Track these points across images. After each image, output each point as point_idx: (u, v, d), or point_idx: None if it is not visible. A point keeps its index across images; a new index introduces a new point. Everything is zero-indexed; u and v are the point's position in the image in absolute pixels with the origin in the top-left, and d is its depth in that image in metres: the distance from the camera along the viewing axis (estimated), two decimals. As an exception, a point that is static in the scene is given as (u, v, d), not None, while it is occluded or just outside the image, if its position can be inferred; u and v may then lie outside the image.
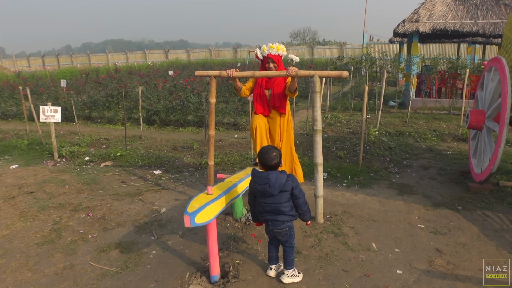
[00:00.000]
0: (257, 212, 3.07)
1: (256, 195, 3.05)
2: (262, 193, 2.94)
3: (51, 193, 5.33)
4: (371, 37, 26.76)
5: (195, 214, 2.79)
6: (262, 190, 2.92)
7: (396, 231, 3.98)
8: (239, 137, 8.54)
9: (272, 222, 3.00)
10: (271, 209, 2.96)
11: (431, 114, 10.66)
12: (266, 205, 2.98)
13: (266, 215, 3.00)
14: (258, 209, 3.05)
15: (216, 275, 3.12)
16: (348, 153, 6.87)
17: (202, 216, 2.84)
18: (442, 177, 5.61)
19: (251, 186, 3.06)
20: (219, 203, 3.09)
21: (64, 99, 11.64)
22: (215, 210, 3.01)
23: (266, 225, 3.06)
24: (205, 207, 2.90)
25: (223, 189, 3.38)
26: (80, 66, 33.11)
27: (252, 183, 3.02)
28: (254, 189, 3.01)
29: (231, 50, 37.68)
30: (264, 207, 2.99)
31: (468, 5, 11.10)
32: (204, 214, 2.86)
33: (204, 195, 3.20)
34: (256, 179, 2.96)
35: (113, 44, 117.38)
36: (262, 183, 2.91)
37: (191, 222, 2.77)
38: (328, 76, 3.92)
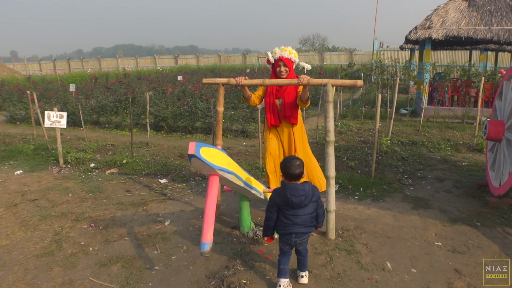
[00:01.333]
0: (282, 226, 3.00)
1: (283, 208, 2.99)
2: (298, 205, 2.93)
3: (54, 201, 5.19)
4: (381, 44, 26.51)
5: (200, 145, 2.67)
6: (299, 202, 2.91)
7: (412, 249, 3.76)
8: (247, 145, 8.37)
9: (296, 234, 2.98)
10: (301, 221, 2.97)
11: (444, 123, 10.40)
12: (295, 217, 2.95)
13: (294, 227, 2.97)
14: (284, 222, 2.98)
15: (208, 242, 2.80)
16: (359, 163, 6.66)
17: (207, 152, 2.70)
18: (458, 190, 5.38)
19: (275, 200, 2.99)
20: (225, 159, 3.00)
21: (72, 103, 11.58)
22: (221, 161, 2.88)
23: (287, 238, 3.01)
24: (212, 147, 2.79)
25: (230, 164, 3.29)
26: (91, 70, 33.27)
27: (281, 196, 2.96)
28: (283, 202, 2.96)
29: (241, 56, 37.62)
30: (293, 219, 2.96)
31: (482, 11, 10.86)
32: (210, 153, 2.73)
33: None
34: (292, 192, 2.91)
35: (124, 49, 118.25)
36: (299, 194, 2.91)
37: (195, 150, 2.60)
38: (342, 85, 3.74)
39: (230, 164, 3.19)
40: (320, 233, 4.01)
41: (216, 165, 2.87)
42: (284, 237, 3.02)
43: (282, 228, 3.01)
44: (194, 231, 4.17)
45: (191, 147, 2.64)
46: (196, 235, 4.08)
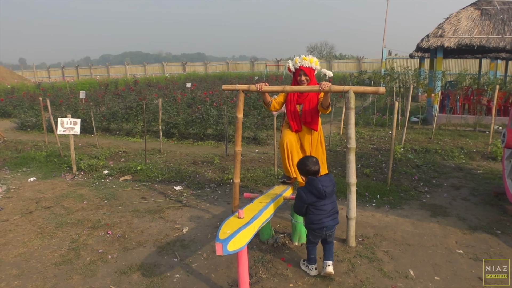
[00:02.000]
0: (314, 221, 3.26)
1: (313, 203, 3.26)
2: (330, 194, 3.27)
3: (69, 209, 5.20)
4: (389, 52, 26.51)
5: (227, 241, 2.59)
6: (331, 192, 3.27)
7: (434, 256, 3.72)
8: (260, 152, 8.36)
9: (327, 227, 3.27)
10: (331, 209, 3.30)
11: (456, 131, 10.33)
12: (326, 206, 3.27)
13: (326, 220, 3.26)
14: (316, 217, 3.26)
15: None
16: (374, 170, 6.62)
17: (234, 243, 2.64)
18: (475, 198, 5.33)
19: (306, 199, 3.26)
20: (251, 228, 2.89)
21: (83, 110, 11.64)
22: (247, 236, 2.81)
23: (319, 231, 3.28)
24: (237, 233, 2.70)
25: (254, 211, 3.18)
26: (99, 77, 33.50)
27: (311, 192, 3.24)
28: (314, 197, 3.24)
29: (249, 64, 37.73)
30: (324, 209, 3.26)
31: (494, 20, 10.83)
32: (237, 240, 2.67)
33: (235, 218, 3.00)
34: (324, 183, 3.23)
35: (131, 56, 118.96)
36: (330, 184, 3.28)
37: (223, 250, 2.58)
38: (364, 92, 3.73)
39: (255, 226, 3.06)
40: (341, 240, 3.98)
41: (244, 245, 2.82)
42: (316, 231, 3.29)
43: (315, 223, 3.27)
44: (213, 239, 4.15)
45: (218, 250, 2.62)
46: (215, 242, 4.05)
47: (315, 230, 3.28)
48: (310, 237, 3.37)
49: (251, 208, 3.31)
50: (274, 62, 35.24)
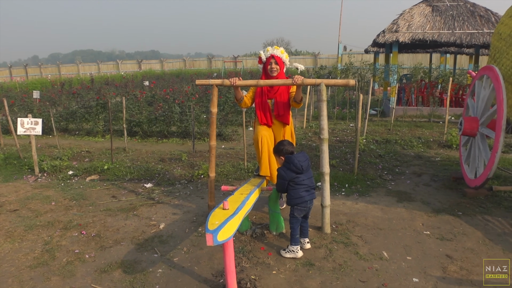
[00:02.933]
0: (298, 196, 3.53)
1: (294, 179, 3.53)
2: (307, 168, 3.56)
3: (37, 211, 5.04)
4: (345, 47, 27.21)
5: (217, 231, 2.64)
6: (307, 165, 3.57)
7: (404, 238, 3.94)
8: (226, 147, 8.41)
9: (310, 200, 3.59)
10: (310, 183, 3.58)
11: (412, 122, 10.84)
12: (304, 181, 3.54)
13: (306, 195, 3.55)
14: (297, 192, 3.52)
15: None
16: (340, 161, 6.85)
17: (223, 233, 2.70)
18: (436, 183, 5.66)
19: (286, 176, 3.53)
20: (237, 219, 2.95)
21: (39, 110, 11.21)
22: (234, 226, 2.87)
23: (303, 205, 3.55)
24: (225, 223, 2.76)
25: (238, 202, 3.25)
26: (51, 77, 32.18)
27: (290, 169, 3.52)
28: (294, 173, 3.52)
29: (206, 61, 37.47)
30: (304, 183, 3.53)
31: (445, 16, 11.42)
32: (225, 231, 2.72)
33: (220, 210, 3.06)
34: (299, 158, 3.52)
35: (82, 55, 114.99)
36: (305, 159, 3.57)
37: (213, 241, 2.62)
38: (335, 85, 3.88)
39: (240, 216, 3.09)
40: (316, 228, 4.13)
41: (233, 234, 2.85)
42: (300, 205, 3.54)
43: (297, 197, 3.52)
44: (191, 233, 4.18)
45: (208, 240, 2.63)
46: (194, 236, 4.09)
47: (299, 205, 3.54)
48: (295, 213, 3.56)
49: (234, 199, 3.38)
50: (232, 59, 35.21)
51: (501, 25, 5.50)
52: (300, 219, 3.61)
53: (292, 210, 3.59)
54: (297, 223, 3.60)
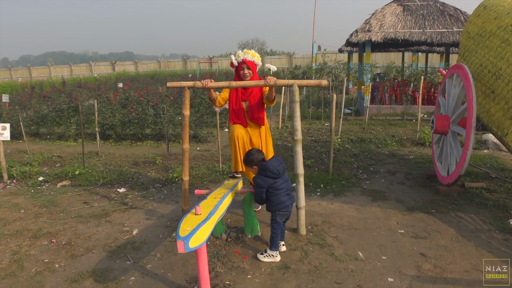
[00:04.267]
0: (279, 202, 3.48)
1: (273, 184, 3.47)
2: (283, 171, 3.52)
3: (5, 219, 4.85)
4: (319, 47, 27.39)
5: (188, 238, 2.58)
6: (283, 168, 3.53)
7: (379, 238, 3.96)
8: (201, 149, 8.32)
9: (291, 205, 3.58)
10: (287, 186, 3.55)
11: (386, 120, 10.98)
12: (282, 185, 3.50)
13: (287, 199, 3.51)
14: (277, 198, 3.47)
15: None
16: (315, 161, 6.87)
17: (195, 239, 2.63)
18: (410, 181, 5.73)
19: (263, 184, 3.46)
20: (209, 224, 2.89)
21: (8, 115, 10.86)
22: (207, 232, 2.81)
23: (285, 210, 3.53)
24: (197, 229, 2.69)
25: (210, 207, 3.19)
26: (21, 80, 31.30)
27: (267, 176, 3.46)
28: (271, 180, 3.46)
29: (181, 62, 37.11)
30: (282, 187, 3.49)
31: (415, 15, 11.62)
32: (197, 237, 2.66)
33: (192, 215, 2.99)
34: (274, 163, 3.48)
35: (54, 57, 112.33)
36: (279, 163, 3.52)
37: (185, 248, 2.56)
38: (307, 85, 3.87)
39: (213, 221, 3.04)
40: (292, 229, 4.10)
41: (205, 240, 2.80)
42: (281, 210, 3.50)
43: (278, 203, 3.48)
44: (165, 238, 4.10)
45: (180, 247, 2.56)
46: (168, 242, 4.01)
47: (281, 210, 3.50)
48: (277, 218, 3.52)
49: (207, 204, 3.32)
50: (207, 60, 34.99)
51: (469, 24, 5.61)
52: (281, 224, 3.58)
53: (274, 216, 3.54)
54: (279, 228, 3.56)
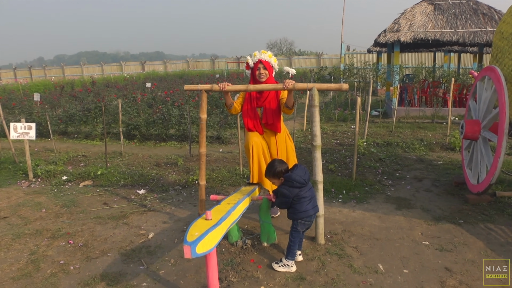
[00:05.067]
0: (303, 210, 3.35)
1: (298, 192, 3.34)
2: (308, 179, 3.41)
3: (27, 218, 4.92)
4: (348, 47, 26.97)
5: (196, 243, 2.50)
6: (308, 177, 3.41)
7: (401, 249, 3.77)
8: (224, 151, 8.26)
9: (314, 214, 3.45)
10: (311, 194, 3.43)
11: (415, 123, 10.63)
12: (306, 193, 3.37)
13: (311, 208, 3.39)
14: (301, 206, 3.34)
15: None
16: (339, 166, 6.68)
17: (203, 245, 2.55)
18: (437, 189, 5.47)
19: (289, 195, 3.34)
20: (220, 230, 2.80)
21: (38, 113, 11.13)
22: (216, 238, 2.73)
23: (308, 219, 3.40)
24: (206, 235, 2.61)
25: (222, 213, 3.10)
26: (54, 79, 32.21)
27: (292, 187, 3.34)
28: (297, 190, 3.34)
29: (209, 62, 37.34)
30: (306, 195, 3.36)
31: (447, 14, 11.21)
32: (205, 242, 2.58)
33: (202, 220, 2.91)
34: (300, 173, 3.36)
35: (87, 56, 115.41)
36: (304, 172, 3.40)
37: (192, 253, 2.48)
38: (327, 89, 3.72)
39: (224, 226, 2.98)
40: (310, 238, 3.97)
41: (214, 247, 2.74)
42: (304, 219, 3.38)
43: (302, 211, 3.35)
44: (180, 243, 4.03)
45: (186, 252, 2.51)
46: (182, 247, 3.94)
47: (304, 219, 3.38)
48: (298, 227, 3.40)
49: (219, 209, 3.23)
50: (235, 60, 35.05)
51: (503, 23, 5.31)
52: (301, 234, 3.46)
53: (295, 224, 3.41)
54: (298, 237, 3.43)
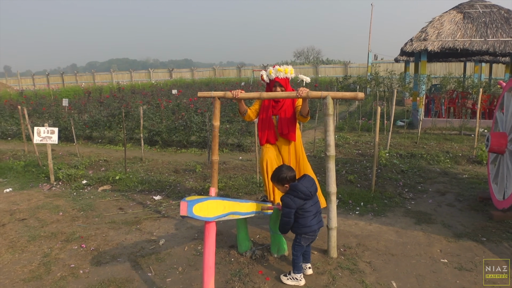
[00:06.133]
0: (307, 226, 3.26)
1: (302, 205, 3.24)
2: (314, 192, 3.31)
3: (44, 221, 5.00)
4: (375, 56, 26.62)
5: (193, 203, 2.48)
6: (315, 189, 3.33)
7: (417, 267, 3.61)
8: (243, 159, 8.22)
9: (318, 229, 3.36)
10: (317, 210, 3.35)
11: (441, 135, 10.31)
12: (311, 207, 3.28)
13: (315, 223, 3.30)
14: (305, 220, 3.25)
15: None
16: (359, 177, 6.51)
17: (201, 208, 2.52)
18: (461, 204, 5.25)
19: (292, 205, 3.22)
20: (220, 205, 2.79)
21: (64, 118, 11.41)
22: (216, 210, 2.69)
23: (312, 234, 3.32)
24: (205, 200, 2.60)
25: (226, 199, 3.07)
26: (85, 85, 33.09)
27: (297, 197, 3.23)
28: (301, 201, 3.24)
29: (235, 69, 37.61)
30: (310, 210, 3.27)
31: (477, 23, 10.86)
32: (204, 207, 2.55)
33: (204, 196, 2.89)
34: (306, 184, 3.26)
35: (118, 63, 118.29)
36: (311, 184, 3.30)
37: (187, 210, 2.44)
38: (342, 98, 3.62)
39: (226, 206, 3.00)
40: (322, 251, 3.85)
41: (211, 217, 2.74)
42: (308, 234, 3.30)
43: (306, 226, 3.26)
44: (190, 251, 3.99)
45: (182, 208, 2.51)
46: (191, 255, 3.90)
47: (308, 234, 3.29)
48: (301, 242, 3.31)
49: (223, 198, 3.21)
50: (261, 68, 35.17)
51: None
52: (304, 247, 3.37)
53: (298, 239, 3.32)
54: (301, 251, 3.34)
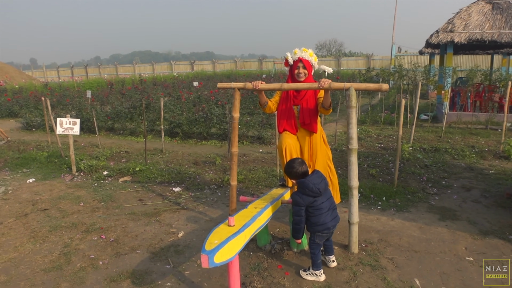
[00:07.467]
0: (319, 223, 3.16)
1: (313, 203, 3.14)
2: (324, 189, 3.19)
3: (65, 211, 5.06)
4: (399, 48, 26.06)
5: (214, 252, 2.39)
6: (325, 186, 3.21)
7: (442, 264, 3.49)
8: (264, 151, 8.16)
9: (333, 226, 3.25)
10: (330, 205, 3.24)
11: (467, 129, 10.02)
12: (323, 204, 3.17)
13: (329, 220, 3.19)
14: (318, 218, 3.15)
15: None
16: (381, 171, 6.38)
17: (222, 254, 2.45)
18: (487, 200, 5.07)
19: (301, 202, 3.14)
20: (242, 237, 2.68)
21: (87, 110, 11.56)
22: (238, 246, 2.61)
23: (326, 232, 3.20)
24: (226, 243, 2.50)
25: (247, 218, 2.98)
26: (107, 77, 33.52)
27: (305, 194, 3.13)
28: (311, 199, 3.13)
29: (257, 62, 37.42)
30: (322, 207, 3.16)
31: (506, 14, 10.46)
32: (225, 251, 2.47)
33: (224, 226, 2.80)
34: (314, 181, 3.14)
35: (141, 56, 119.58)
36: (321, 180, 3.19)
37: (209, 263, 2.38)
38: (366, 89, 3.51)
39: (246, 234, 2.84)
40: (343, 246, 3.77)
41: (234, 256, 2.62)
42: (322, 232, 3.19)
43: (319, 224, 3.16)
44: (209, 244, 3.97)
45: (203, 262, 2.42)
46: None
47: (321, 231, 3.20)
48: (316, 239, 3.23)
49: (244, 214, 3.11)
50: (282, 60, 34.89)
51: None
52: (321, 244, 3.30)
53: (313, 237, 3.24)
54: (319, 248, 3.27)
